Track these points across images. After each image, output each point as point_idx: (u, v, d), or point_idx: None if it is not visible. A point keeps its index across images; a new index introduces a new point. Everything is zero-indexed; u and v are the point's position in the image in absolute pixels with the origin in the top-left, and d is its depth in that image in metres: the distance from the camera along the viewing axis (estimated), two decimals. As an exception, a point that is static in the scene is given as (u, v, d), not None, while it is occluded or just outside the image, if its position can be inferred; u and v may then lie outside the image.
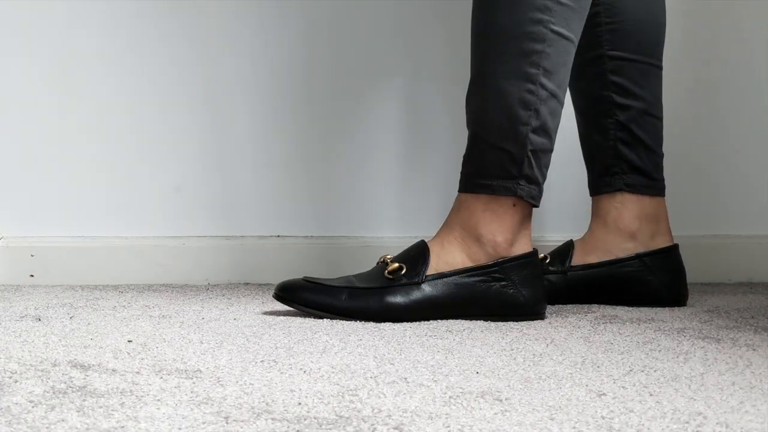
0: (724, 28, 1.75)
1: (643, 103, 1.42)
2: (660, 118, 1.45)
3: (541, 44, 1.25)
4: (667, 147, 1.74)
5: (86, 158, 1.70)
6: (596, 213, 1.44)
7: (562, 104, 1.29)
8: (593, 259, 1.42)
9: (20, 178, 1.70)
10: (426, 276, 1.26)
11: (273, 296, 1.29)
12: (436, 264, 1.27)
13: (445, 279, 1.27)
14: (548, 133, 1.28)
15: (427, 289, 1.26)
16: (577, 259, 1.42)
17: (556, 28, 1.25)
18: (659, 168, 1.45)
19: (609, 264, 1.42)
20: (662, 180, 1.45)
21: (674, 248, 1.43)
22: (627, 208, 1.42)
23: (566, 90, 1.30)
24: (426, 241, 1.30)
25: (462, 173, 1.31)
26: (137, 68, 1.70)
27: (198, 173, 1.71)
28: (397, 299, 1.25)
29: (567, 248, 1.43)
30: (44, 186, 1.70)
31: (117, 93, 1.70)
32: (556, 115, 1.28)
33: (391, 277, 1.26)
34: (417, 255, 1.28)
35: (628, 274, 1.41)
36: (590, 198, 1.47)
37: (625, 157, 1.42)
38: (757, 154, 1.75)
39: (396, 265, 1.26)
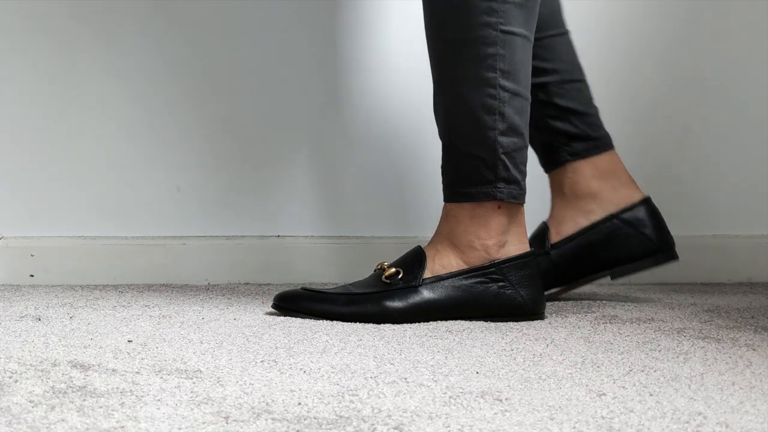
0: (724, 28, 1.74)
1: (558, 75, 1.42)
2: (582, 79, 1.44)
3: (493, 47, 1.24)
4: (667, 146, 1.75)
5: (86, 158, 1.70)
6: (553, 188, 1.45)
7: (528, 99, 1.29)
8: (568, 231, 1.42)
9: (20, 178, 1.70)
10: (423, 279, 1.27)
11: (272, 306, 1.30)
12: (433, 267, 1.28)
13: (442, 282, 1.27)
14: (518, 131, 1.28)
15: (424, 292, 1.26)
16: (554, 237, 1.42)
17: (505, 27, 1.25)
18: (596, 125, 1.44)
19: (585, 231, 1.41)
20: (605, 135, 1.44)
21: (646, 200, 1.43)
22: (579, 174, 1.42)
23: (530, 84, 1.29)
24: (422, 246, 1.30)
25: (443, 184, 1.31)
26: (137, 68, 1.69)
27: (198, 173, 1.71)
28: (395, 303, 1.25)
29: (542, 230, 1.43)
30: (44, 186, 1.70)
31: (117, 92, 1.70)
32: (524, 112, 1.28)
33: (388, 281, 1.26)
34: (413, 259, 1.28)
35: (609, 234, 1.41)
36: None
37: (561, 131, 1.42)
38: (757, 154, 1.75)
39: (393, 269, 1.27)
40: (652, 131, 1.74)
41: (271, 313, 1.31)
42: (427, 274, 1.27)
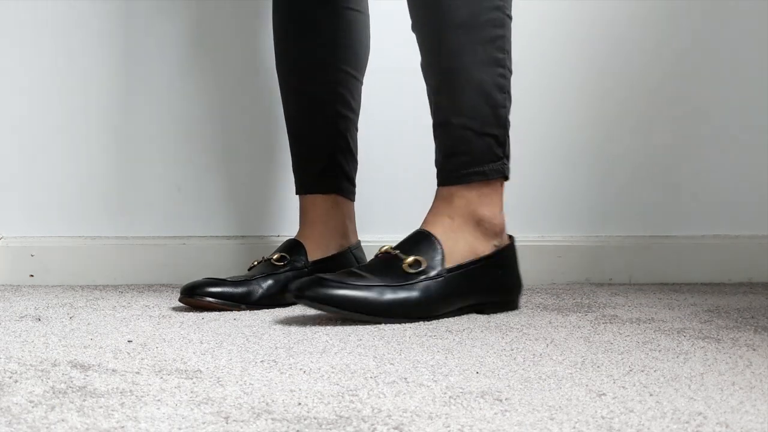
0: (724, 28, 1.74)
1: (354, 117, 1.52)
2: (357, 130, 1.54)
3: (501, 29, 1.29)
4: (667, 146, 1.75)
5: (86, 158, 1.70)
6: (311, 211, 1.49)
7: None
8: (320, 255, 1.47)
9: (20, 178, 1.70)
10: (447, 269, 1.27)
11: (294, 297, 1.21)
12: (449, 256, 1.28)
13: (460, 271, 1.27)
14: (510, 110, 1.33)
15: (444, 282, 1.26)
16: (311, 255, 1.47)
17: (507, 11, 1.30)
18: (355, 175, 1.53)
19: (335, 256, 1.49)
20: (355, 186, 1.54)
21: (358, 243, 1.54)
22: (339, 210, 1.50)
23: None
24: (428, 231, 1.29)
25: (446, 168, 1.32)
26: (138, 68, 1.70)
27: (198, 173, 1.71)
28: (419, 294, 1.24)
29: (298, 245, 1.46)
30: (44, 186, 1.70)
31: (117, 93, 1.70)
32: None
33: (413, 271, 1.25)
34: (428, 247, 1.27)
35: (348, 262, 1.50)
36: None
37: (340, 164, 1.50)
38: (757, 154, 1.75)
39: (411, 258, 1.26)
40: (652, 132, 1.74)
41: (270, 313, 1.31)
42: (449, 263, 1.27)
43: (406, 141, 1.73)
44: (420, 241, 1.28)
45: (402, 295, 1.22)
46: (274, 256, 1.43)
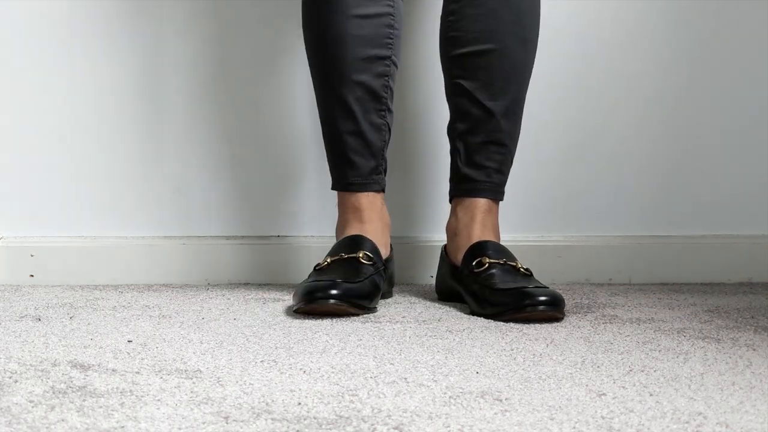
0: (724, 28, 1.74)
1: (393, 110, 1.49)
2: None
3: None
4: (667, 146, 1.75)
5: (86, 158, 1.70)
6: (368, 208, 1.48)
7: None
8: (384, 253, 1.44)
9: (20, 178, 1.70)
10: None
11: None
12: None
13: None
14: None
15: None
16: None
17: None
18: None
19: (391, 255, 1.48)
20: None
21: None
22: (385, 206, 1.49)
23: None
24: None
25: (497, 185, 1.45)
26: (137, 68, 1.69)
27: (198, 173, 1.71)
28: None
29: (373, 244, 1.44)
30: (44, 186, 1.70)
31: (117, 93, 1.70)
32: None
33: (528, 273, 1.37)
34: (511, 254, 1.40)
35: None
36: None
37: (386, 160, 1.49)
38: (757, 154, 1.75)
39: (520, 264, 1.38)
40: (652, 132, 1.74)
41: (271, 313, 1.31)
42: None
43: (414, 138, 1.73)
44: (504, 249, 1.39)
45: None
46: (359, 254, 1.37)
